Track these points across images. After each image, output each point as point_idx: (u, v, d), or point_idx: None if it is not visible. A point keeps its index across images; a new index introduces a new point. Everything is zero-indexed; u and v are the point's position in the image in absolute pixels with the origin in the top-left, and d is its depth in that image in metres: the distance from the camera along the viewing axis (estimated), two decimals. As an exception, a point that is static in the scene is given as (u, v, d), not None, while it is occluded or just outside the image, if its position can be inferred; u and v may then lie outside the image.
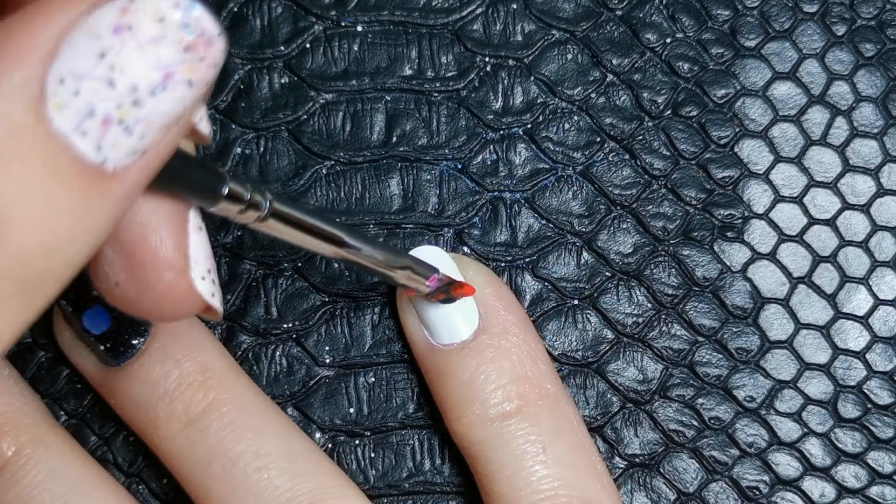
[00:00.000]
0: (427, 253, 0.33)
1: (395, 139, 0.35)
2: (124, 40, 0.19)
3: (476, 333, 0.32)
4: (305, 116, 0.35)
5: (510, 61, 0.36)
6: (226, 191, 0.23)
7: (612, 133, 0.36)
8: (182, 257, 0.23)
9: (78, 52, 0.19)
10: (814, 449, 0.35)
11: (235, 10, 0.35)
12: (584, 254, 0.35)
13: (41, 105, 0.18)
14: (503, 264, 0.35)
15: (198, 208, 0.24)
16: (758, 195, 0.36)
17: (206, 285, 0.24)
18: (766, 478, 0.35)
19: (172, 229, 0.23)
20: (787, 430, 0.35)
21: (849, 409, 0.35)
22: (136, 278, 0.23)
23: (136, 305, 0.23)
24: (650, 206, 0.35)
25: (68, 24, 0.19)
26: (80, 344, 0.32)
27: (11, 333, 0.19)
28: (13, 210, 0.18)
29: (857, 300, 0.36)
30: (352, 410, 0.34)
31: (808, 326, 0.35)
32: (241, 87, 0.35)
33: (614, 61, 0.36)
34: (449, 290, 0.32)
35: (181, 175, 0.22)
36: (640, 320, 0.35)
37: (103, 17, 0.19)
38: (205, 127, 0.23)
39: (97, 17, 0.19)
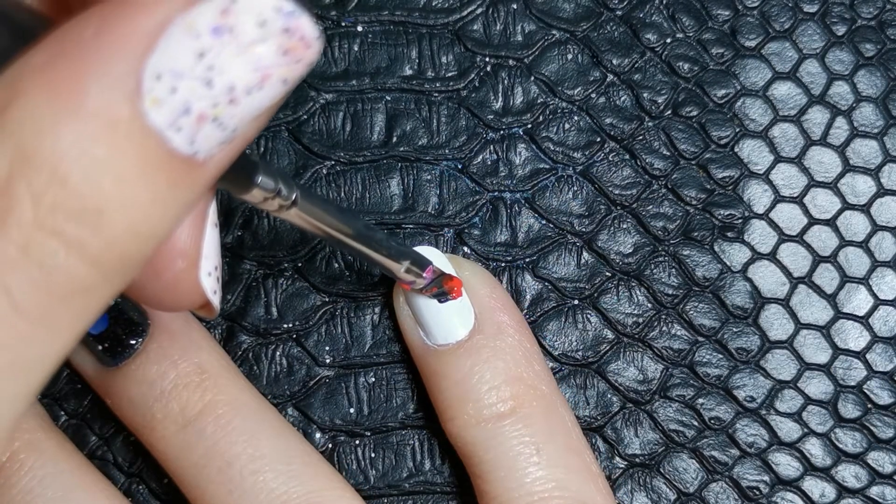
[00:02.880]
0: (424, 253, 0.33)
1: (395, 139, 0.35)
2: (224, 42, 0.19)
3: (471, 334, 0.32)
4: (305, 116, 0.35)
5: (510, 61, 0.36)
6: (259, 180, 0.24)
7: (612, 133, 0.35)
8: (196, 249, 0.23)
9: (176, 49, 0.18)
10: (814, 449, 0.35)
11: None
12: (585, 254, 0.35)
13: (137, 100, 0.18)
14: (503, 264, 0.35)
15: (217, 205, 0.24)
16: (758, 195, 0.36)
17: (210, 281, 0.24)
18: (766, 478, 0.35)
19: (192, 220, 0.23)
20: (788, 430, 0.35)
21: (849, 409, 0.35)
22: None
23: (139, 289, 0.23)
24: (650, 206, 0.35)
25: (166, 20, 0.18)
26: (79, 343, 0.32)
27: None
28: (109, 202, 0.18)
29: (858, 300, 0.35)
30: (352, 410, 0.34)
31: (809, 326, 0.35)
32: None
33: (614, 61, 0.36)
34: (441, 283, 0.32)
35: None
36: (641, 320, 0.35)
37: (203, 16, 0.19)
38: None
39: (196, 15, 0.19)
